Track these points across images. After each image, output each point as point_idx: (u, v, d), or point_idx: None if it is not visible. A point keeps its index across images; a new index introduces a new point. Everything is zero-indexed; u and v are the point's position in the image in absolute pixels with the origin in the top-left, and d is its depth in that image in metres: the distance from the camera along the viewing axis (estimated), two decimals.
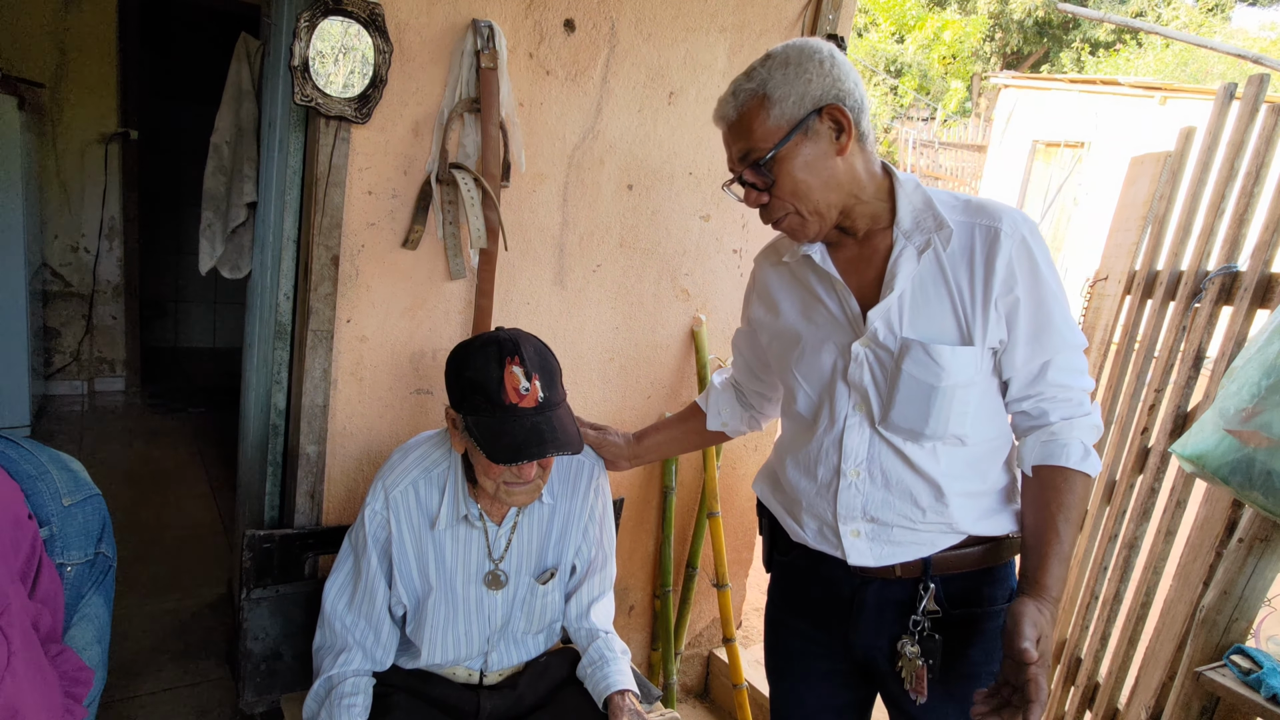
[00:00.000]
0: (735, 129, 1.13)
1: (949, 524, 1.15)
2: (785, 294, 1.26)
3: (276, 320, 1.66)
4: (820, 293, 1.20)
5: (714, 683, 2.44)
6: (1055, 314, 1.10)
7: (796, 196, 1.10)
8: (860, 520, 1.17)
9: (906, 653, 1.16)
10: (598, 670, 1.42)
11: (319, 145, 1.51)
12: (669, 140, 1.93)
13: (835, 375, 1.17)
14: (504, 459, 1.18)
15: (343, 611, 1.34)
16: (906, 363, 1.10)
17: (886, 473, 1.15)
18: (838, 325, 1.18)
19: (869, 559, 1.17)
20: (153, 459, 3.74)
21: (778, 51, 1.11)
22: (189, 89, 4.85)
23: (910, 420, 1.11)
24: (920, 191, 1.15)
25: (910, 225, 1.13)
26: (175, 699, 2.14)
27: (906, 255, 1.11)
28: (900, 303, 1.12)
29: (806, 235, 1.15)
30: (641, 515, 2.15)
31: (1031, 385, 1.12)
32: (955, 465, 1.14)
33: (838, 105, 1.08)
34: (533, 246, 1.81)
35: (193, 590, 2.66)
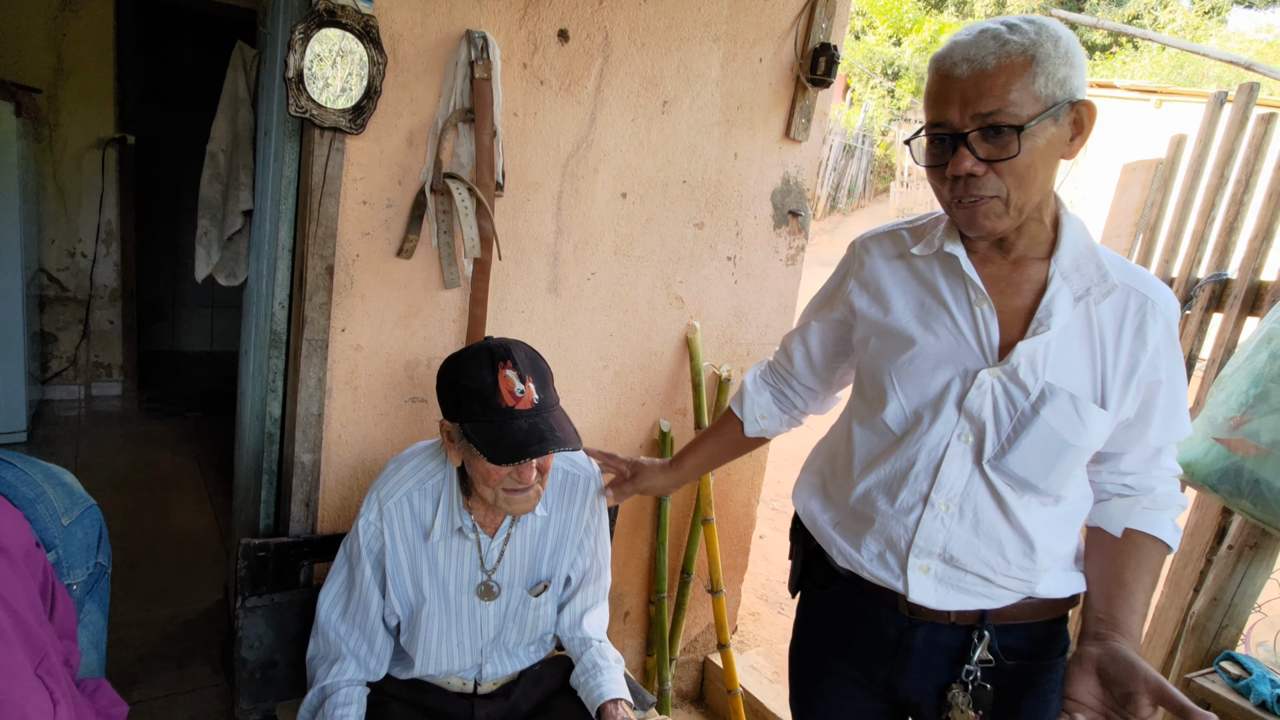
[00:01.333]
0: (985, 80, 0.93)
1: (1028, 582, 1.08)
2: (901, 291, 1.13)
3: (271, 329, 1.67)
4: (950, 301, 1.07)
5: (709, 688, 2.45)
6: (1183, 402, 1.07)
7: (1020, 183, 0.96)
8: (935, 558, 1.08)
9: (957, 702, 1.10)
10: (590, 679, 1.43)
11: (314, 156, 1.52)
12: (663, 148, 1.94)
13: (947, 397, 1.05)
14: (508, 459, 1.18)
15: (336, 621, 1.35)
16: (1047, 410, 1.00)
17: (979, 515, 1.06)
18: (964, 345, 1.05)
19: (930, 599, 1.09)
20: (149, 464, 3.74)
21: (1043, 20, 0.95)
22: (186, 93, 4.86)
23: (1028, 470, 1.02)
24: (1086, 234, 1.06)
25: (1070, 266, 1.03)
26: (171, 706, 2.15)
27: (1063, 296, 1.01)
28: (1048, 346, 1.02)
29: (994, 227, 1.00)
30: (636, 522, 2.16)
31: (1144, 464, 1.08)
32: (1048, 523, 1.07)
33: (1091, 103, 0.96)
34: (527, 255, 1.81)
35: (189, 597, 2.66)
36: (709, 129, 2.00)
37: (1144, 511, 1.08)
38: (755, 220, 2.15)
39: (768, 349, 2.27)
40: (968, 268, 1.05)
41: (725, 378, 2.16)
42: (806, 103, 2.12)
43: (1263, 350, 1.40)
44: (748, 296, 2.19)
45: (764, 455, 2.38)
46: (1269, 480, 1.33)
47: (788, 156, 2.16)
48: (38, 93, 3.78)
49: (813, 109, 2.14)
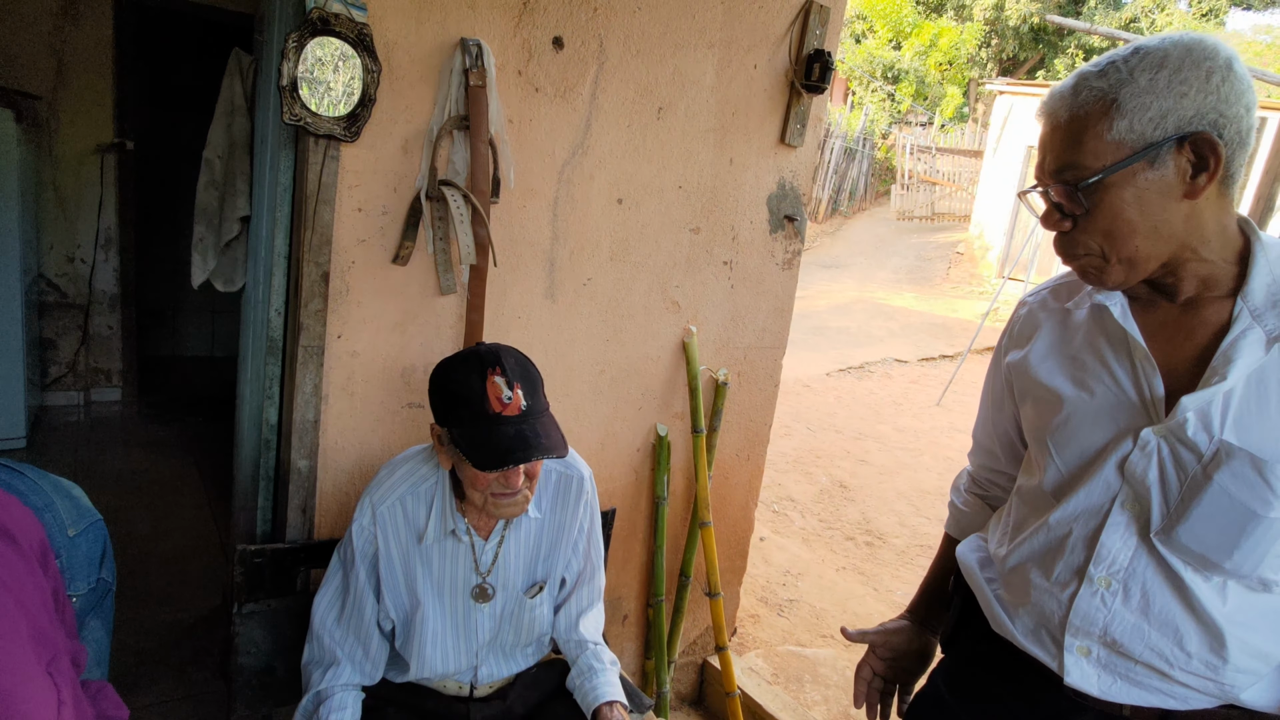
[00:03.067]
0: (1061, 133, 0.88)
1: (1219, 684, 0.91)
2: (1056, 347, 1.03)
3: (268, 336, 1.68)
4: (1108, 356, 0.96)
5: (708, 690, 2.45)
6: None
7: (1110, 239, 0.88)
8: (1096, 640, 0.95)
9: None
10: (586, 681, 1.44)
11: (309, 163, 1.53)
12: (658, 154, 1.96)
13: (1108, 461, 0.94)
14: (490, 466, 1.20)
15: (331, 626, 1.36)
16: (1223, 473, 0.86)
17: (1150, 595, 0.91)
18: (1125, 402, 0.94)
19: (1093, 688, 0.95)
20: (150, 470, 3.75)
21: (1154, 46, 0.85)
22: (186, 99, 4.87)
23: (1206, 545, 0.88)
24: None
25: (1263, 302, 0.88)
26: (170, 712, 2.15)
27: (1251, 340, 0.87)
28: (1228, 397, 0.87)
29: (1104, 283, 0.92)
30: (634, 525, 2.17)
31: None
32: (1250, 612, 0.89)
33: (1210, 136, 0.83)
34: (523, 261, 1.82)
35: (188, 602, 2.66)
36: (704, 135, 2.01)
37: None
38: (751, 225, 2.16)
39: (764, 353, 2.28)
40: (1121, 316, 0.94)
41: (722, 381, 2.17)
42: (801, 108, 2.13)
43: None
44: (744, 301, 2.19)
45: (761, 460, 2.39)
46: None
47: (783, 162, 2.17)
48: (37, 99, 3.80)
49: (807, 114, 2.15)
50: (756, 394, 2.30)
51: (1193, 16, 16.79)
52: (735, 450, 2.31)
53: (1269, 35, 17.82)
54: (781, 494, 4.39)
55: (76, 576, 1.20)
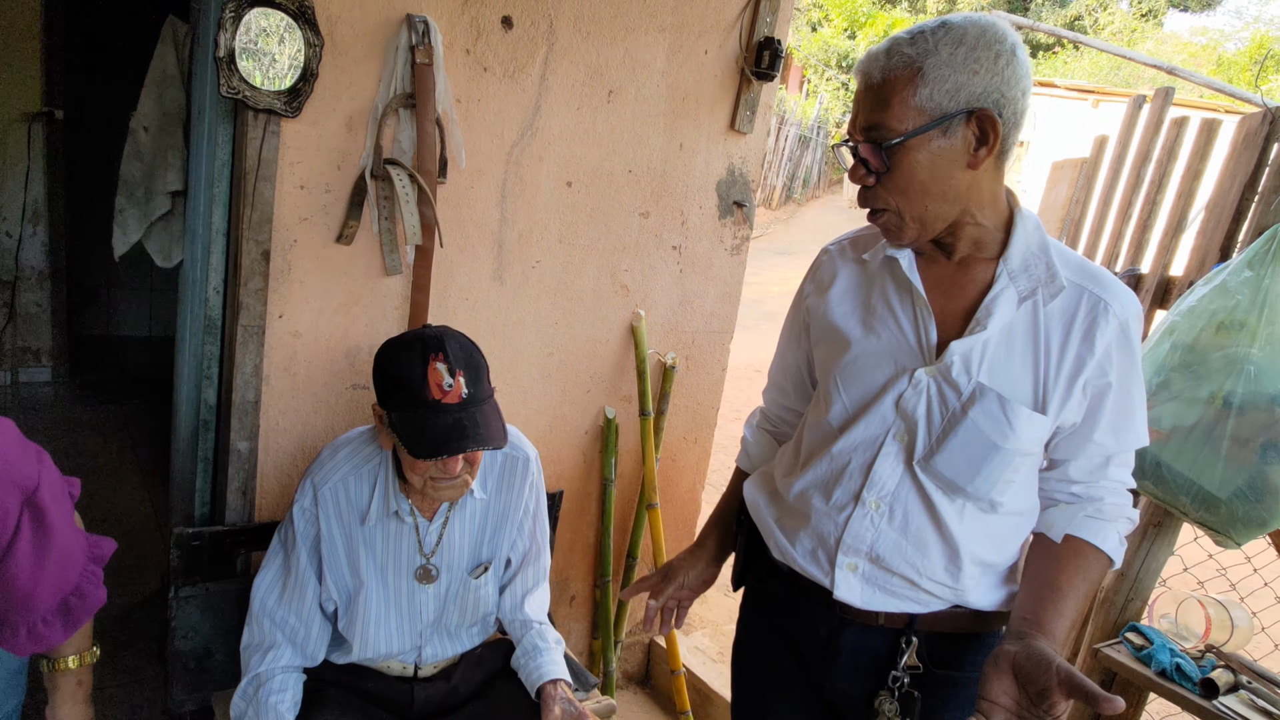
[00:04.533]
0: (873, 94, 0.96)
1: (951, 589, 1.07)
2: (850, 293, 1.14)
3: (206, 315, 1.64)
4: (895, 303, 1.08)
5: (654, 669, 2.50)
6: (1138, 410, 1.03)
7: (906, 197, 0.98)
8: (863, 557, 1.08)
9: (884, 709, 1.08)
10: (530, 660, 1.45)
11: (248, 138, 1.50)
12: (608, 138, 1.96)
13: (886, 397, 1.06)
14: (425, 454, 1.19)
15: (272, 608, 1.35)
16: (975, 410, 1.00)
17: (909, 515, 1.05)
18: (905, 345, 1.06)
19: (856, 599, 1.08)
20: (82, 453, 3.62)
21: (957, 23, 0.94)
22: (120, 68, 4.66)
23: (955, 471, 1.02)
24: (1039, 233, 1.04)
25: (1018, 266, 1.01)
26: (104, 699, 2.10)
27: (1006, 297, 1.00)
28: (985, 345, 1.01)
29: (899, 239, 1.03)
30: (582, 507, 2.19)
31: (1091, 474, 1.05)
32: (978, 530, 1.05)
33: (992, 114, 0.93)
34: (471, 243, 1.82)
35: (125, 587, 2.59)
36: (654, 119, 2.02)
37: (1087, 520, 1.05)
38: (700, 210, 2.18)
39: (712, 337, 2.31)
40: (908, 269, 1.05)
41: (670, 365, 2.19)
42: (751, 95, 2.15)
43: (1165, 341, 1.49)
44: (693, 285, 2.22)
45: (709, 443, 2.43)
46: (1169, 463, 1.43)
47: (733, 148, 2.19)
48: None
49: (757, 102, 2.18)
50: (705, 378, 2.33)
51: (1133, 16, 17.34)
52: (683, 434, 2.34)
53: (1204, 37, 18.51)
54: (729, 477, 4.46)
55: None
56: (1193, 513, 1.42)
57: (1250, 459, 1.36)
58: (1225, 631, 1.61)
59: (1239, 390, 1.36)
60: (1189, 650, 1.60)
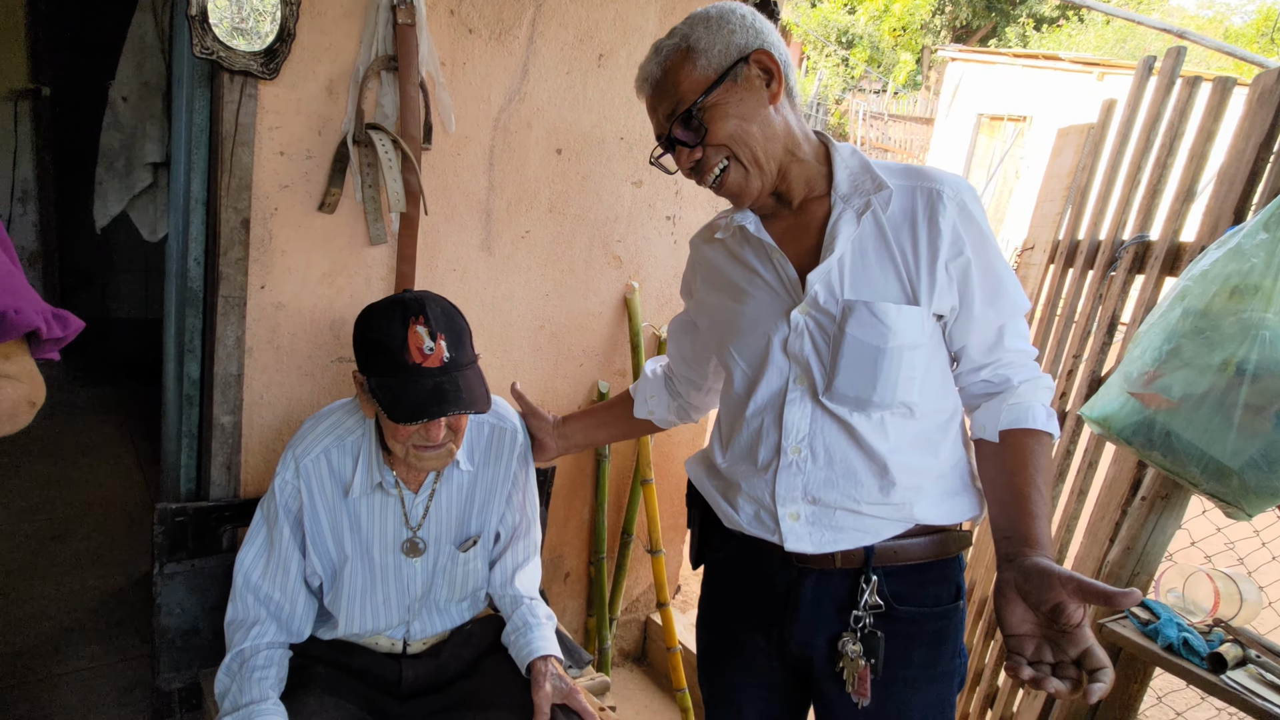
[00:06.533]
0: (660, 87, 1.09)
1: (895, 506, 1.09)
2: (721, 272, 1.21)
3: (188, 286, 1.60)
4: (756, 264, 1.15)
5: (650, 647, 2.47)
6: (1005, 277, 1.08)
7: (734, 141, 1.05)
8: (801, 502, 1.10)
9: (848, 651, 1.09)
10: (521, 637, 1.42)
11: (224, 102, 1.44)
12: (599, 104, 1.90)
13: (773, 347, 1.11)
14: (404, 418, 1.16)
15: (256, 583, 1.31)
16: (850, 324, 1.04)
17: (830, 449, 1.08)
18: (775, 295, 1.12)
19: (807, 545, 1.10)
20: (76, 433, 3.60)
21: (698, 11, 1.09)
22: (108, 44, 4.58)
23: (856, 387, 1.05)
24: (857, 156, 1.12)
25: (848, 189, 1.09)
26: (96, 677, 2.09)
27: (845, 218, 1.07)
28: (841, 265, 1.07)
29: (748, 191, 1.09)
30: (575, 483, 2.15)
31: (990, 351, 1.09)
32: (903, 439, 1.08)
33: (766, 50, 1.05)
34: (458, 212, 1.76)
35: (117, 567, 2.58)
36: None
37: (1010, 408, 1.08)
38: None
39: None
40: (755, 229, 1.13)
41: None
42: None
43: (1176, 307, 1.44)
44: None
45: (708, 419, 2.38)
46: (1178, 432, 1.38)
47: None
48: None
49: None
50: None
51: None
52: None
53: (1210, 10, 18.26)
54: None
55: None
56: (1203, 484, 1.37)
57: (1264, 427, 1.31)
58: (1234, 606, 1.57)
59: (1253, 357, 1.31)
60: (1196, 625, 1.57)
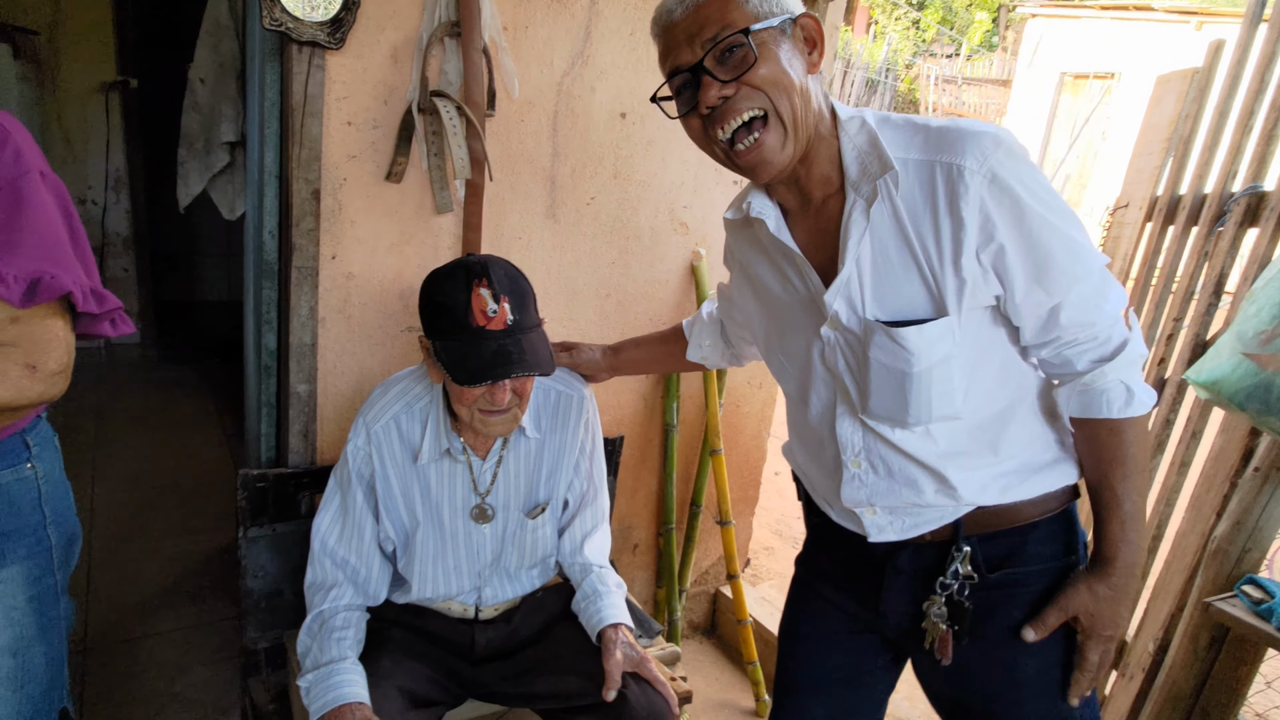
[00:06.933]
0: (700, 10, 0.92)
1: (967, 503, 1.02)
2: (755, 270, 1.12)
3: (263, 258, 1.64)
4: (784, 267, 1.04)
5: (720, 619, 2.45)
6: (1055, 249, 0.91)
7: (776, 89, 0.90)
8: (871, 506, 1.07)
9: (931, 614, 1.06)
10: (591, 605, 1.41)
11: (293, 74, 1.46)
12: None
13: (814, 361, 1.04)
14: (468, 380, 1.16)
15: (332, 547, 1.34)
16: (872, 349, 0.95)
17: (888, 461, 1.03)
18: (806, 305, 1.03)
19: (891, 534, 1.07)
20: (168, 409, 3.78)
21: None
22: (190, 34, 4.76)
23: (889, 409, 0.98)
24: (865, 131, 0.95)
25: (857, 174, 0.94)
26: (190, 637, 2.20)
27: (856, 214, 0.94)
28: (859, 273, 0.95)
29: (778, 160, 0.93)
30: (643, 453, 2.13)
31: (1044, 332, 0.95)
32: (956, 442, 1.00)
33: (814, 17, 0.94)
34: (522, 179, 1.75)
35: (206, 535, 2.70)
36: None
37: (1080, 396, 0.98)
38: None
39: None
40: (776, 229, 1.01)
41: None
42: (817, 10, 2.00)
43: None
44: None
45: (774, 388, 2.33)
46: None
47: None
48: (35, 35, 3.72)
49: (823, 19, 2.02)
50: None
51: None
52: (747, 378, 2.25)
53: None
54: None
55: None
56: None
57: None
58: None
59: None
60: None
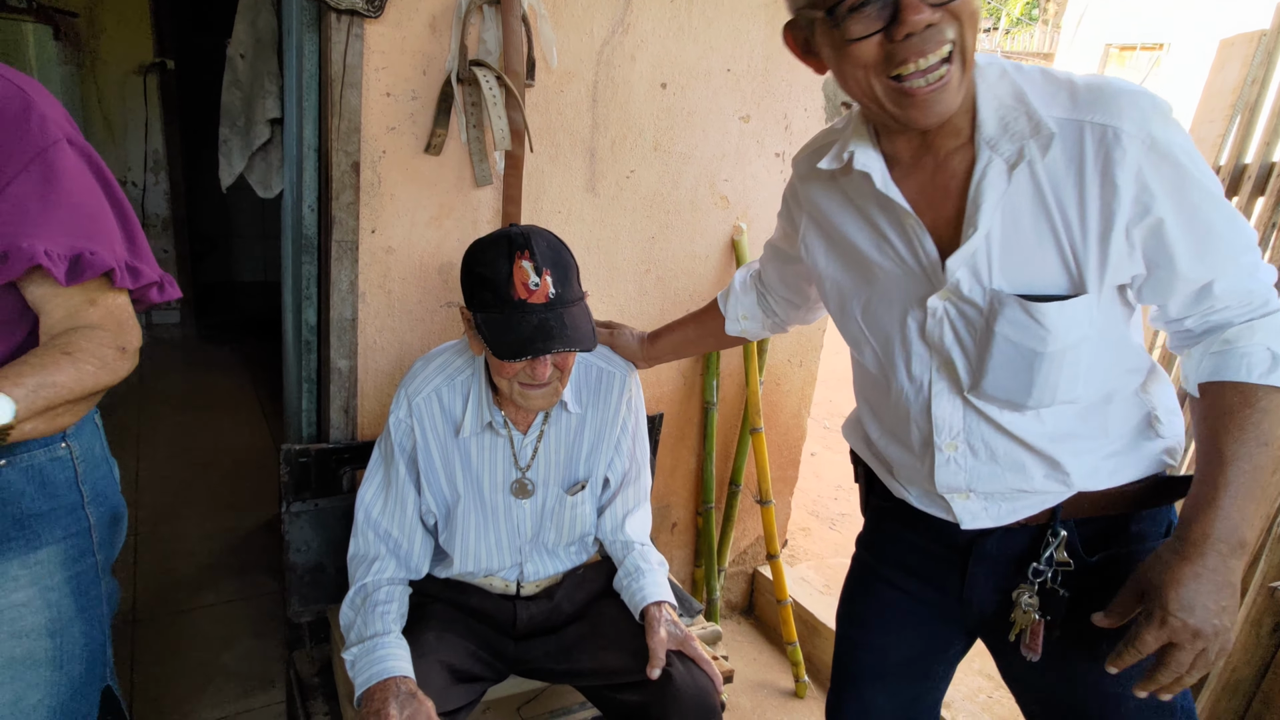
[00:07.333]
0: None
1: (1074, 487, 0.95)
2: (837, 227, 1.00)
3: (303, 233, 1.63)
4: (885, 227, 0.94)
5: (759, 599, 2.43)
6: (1217, 221, 0.83)
7: (973, 20, 0.80)
8: (967, 491, 0.99)
9: (1022, 603, 0.98)
10: (634, 582, 1.40)
11: (332, 43, 1.44)
12: (705, 34, 1.80)
13: (910, 333, 0.95)
14: (508, 355, 1.14)
15: (376, 520, 1.34)
16: (1000, 323, 0.87)
17: (991, 445, 0.95)
18: (909, 272, 0.93)
19: (986, 521, 0.99)
20: (209, 388, 3.84)
21: None
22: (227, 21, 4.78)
23: (1008, 390, 0.89)
24: (1008, 80, 0.86)
25: (996, 130, 0.85)
26: (234, 610, 2.23)
27: (993, 174, 0.84)
28: (989, 243, 0.86)
29: (949, 106, 0.82)
30: (683, 431, 2.11)
31: (1193, 305, 0.88)
32: (1064, 424, 0.93)
33: None
34: (562, 151, 1.72)
35: (248, 510, 2.74)
36: (754, 11, 1.84)
37: (1215, 357, 0.87)
38: (805, 113, 2.00)
39: None
40: (882, 184, 0.90)
41: None
42: None
43: None
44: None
45: (814, 366, 2.29)
46: None
47: None
48: (75, 16, 3.76)
49: None
50: None
51: None
52: (788, 355, 2.21)
53: None
54: (833, 410, 4.30)
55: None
56: None
57: None
58: None
59: None
60: None
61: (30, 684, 1.02)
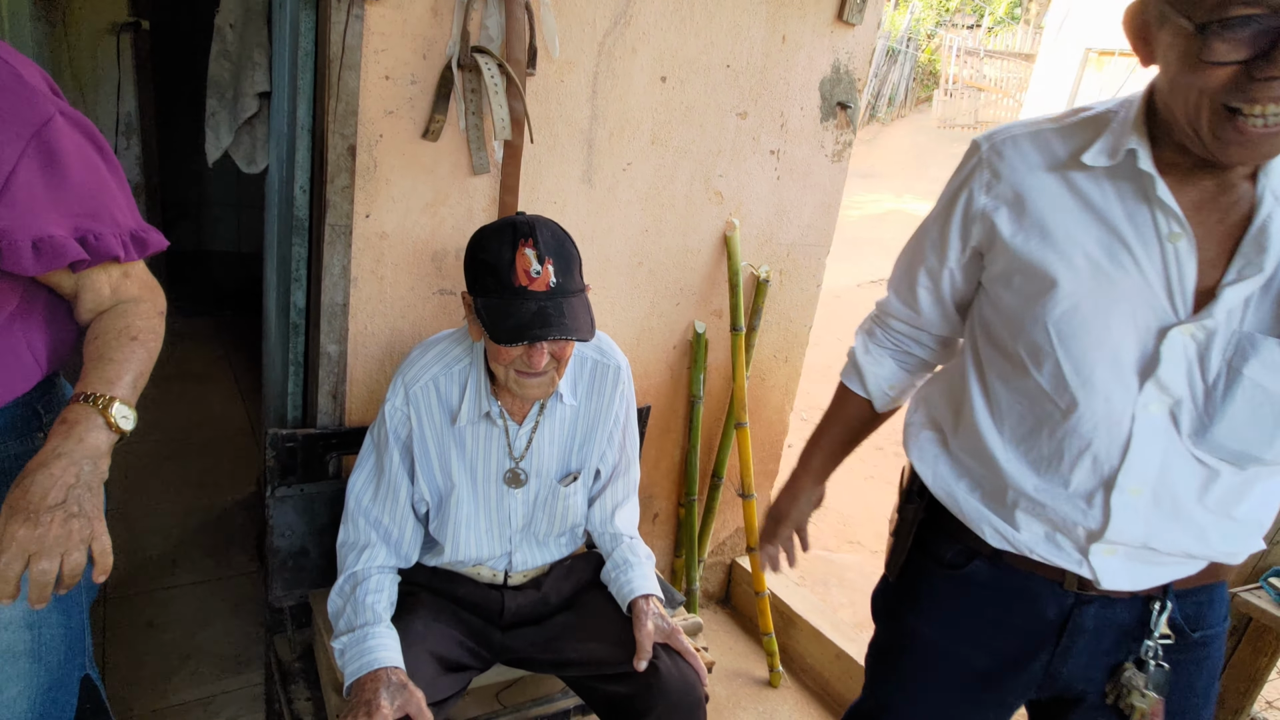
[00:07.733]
0: None
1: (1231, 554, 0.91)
2: (1061, 216, 0.87)
3: (294, 215, 1.60)
4: (1128, 234, 0.83)
5: (735, 590, 2.47)
6: None
7: None
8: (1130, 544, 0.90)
9: (1135, 685, 0.93)
10: (621, 574, 1.41)
11: (331, 23, 1.41)
12: (706, 28, 1.80)
13: (1128, 360, 0.84)
14: (506, 339, 1.15)
15: (367, 507, 1.34)
16: (1251, 366, 0.80)
17: (1178, 499, 0.86)
18: (1148, 291, 0.82)
19: (1125, 583, 0.91)
20: (181, 360, 3.77)
21: None
22: None
23: (1243, 440, 0.82)
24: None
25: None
26: (210, 590, 2.21)
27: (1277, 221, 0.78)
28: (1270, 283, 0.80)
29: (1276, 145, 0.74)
30: (668, 424, 2.12)
31: None
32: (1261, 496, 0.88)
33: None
34: (560, 141, 1.71)
35: (224, 488, 2.71)
36: (755, 8, 1.84)
37: None
38: (801, 111, 2.01)
39: (809, 250, 2.17)
40: (1164, 193, 0.80)
41: (764, 279, 2.07)
42: None
43: None
44: (790, 194, 2.07)
45: (799, 362, 2.31)
46: None
47: (839, 42, 1.99)
48: None
49: None
50: (798, 294, 2.20)
51: None
52: (774, 351, 2.23)
53: None
54: (810, 403, 4.34)
55: None
56: None
57: None
58: None
59: None
60: None
61: (9, 676, 1.01)
